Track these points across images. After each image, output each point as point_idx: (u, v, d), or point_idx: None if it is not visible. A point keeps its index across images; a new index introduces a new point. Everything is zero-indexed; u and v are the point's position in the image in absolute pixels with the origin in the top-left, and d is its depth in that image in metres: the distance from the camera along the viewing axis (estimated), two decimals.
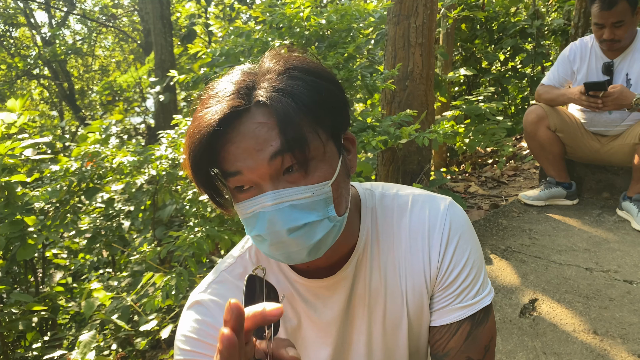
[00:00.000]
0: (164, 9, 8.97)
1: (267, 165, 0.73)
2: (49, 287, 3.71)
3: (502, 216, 3.01)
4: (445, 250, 0.91)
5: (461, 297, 0.92)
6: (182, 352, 0.88)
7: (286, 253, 0.78)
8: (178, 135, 2.96)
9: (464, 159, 5.50)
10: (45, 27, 14.80)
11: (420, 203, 0.94)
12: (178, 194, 3.27)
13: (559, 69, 2.98)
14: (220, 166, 0.76)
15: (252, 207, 0.76)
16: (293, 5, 3.05)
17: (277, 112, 0.73)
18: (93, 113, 15.31)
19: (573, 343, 1.87)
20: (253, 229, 0.78)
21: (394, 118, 2.72)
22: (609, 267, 2.36)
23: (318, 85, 0.77)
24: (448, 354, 0.92)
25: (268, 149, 0.73)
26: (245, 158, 0.73)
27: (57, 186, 3.01)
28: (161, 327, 2.71)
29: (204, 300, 0.91)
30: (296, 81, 0.76)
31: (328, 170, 0.78)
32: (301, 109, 0.74)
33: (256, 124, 0.73)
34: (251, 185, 0.76)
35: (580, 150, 3.02)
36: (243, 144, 0.73)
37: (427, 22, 3.17)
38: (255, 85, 0.76)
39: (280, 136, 0.73)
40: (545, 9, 6.87)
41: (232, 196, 0.80)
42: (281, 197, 0.74)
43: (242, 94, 0.75)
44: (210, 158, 0.76)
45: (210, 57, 3.24)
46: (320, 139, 0.77)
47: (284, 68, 0.77)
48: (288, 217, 0.74)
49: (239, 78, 0.78)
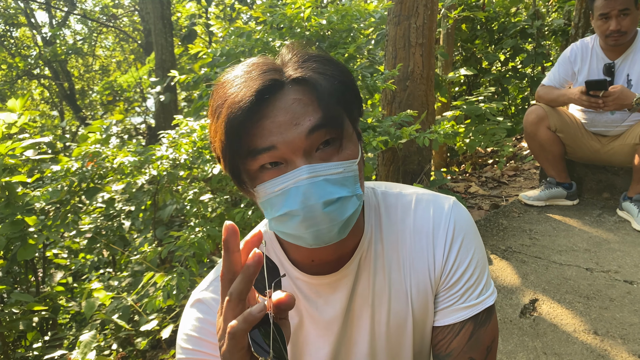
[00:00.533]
0: (164, 9, 8.97)
1: (304, 139, 0.74)
2: (49, 287, 3.71)
3: (502, 216, 3.01)
4: (449, 250, 0.91)
5: (465, 297, 0.92)
6: (184, 351, 0.88)
7: (316, 231, 0.76)
8: (179, 135, 2.96)
9: (464, 159, 5.50)
10: (45, 27, 14.82)
11: (424, 202, 0.95)
12: (179, 194, 3.27)
13: (559, 69, 2.98)
14: (251, 143, 0.75)
15: (283, 183, 0.75)
16: (294, 5, 3.05)
17: (316, 88, 0.76)
18: (93, 113, 15.32)
19: (573, 343, 1.87)
20: (282, 207, 0.76)
21: (394, 118, 2.72)
22: (609, 267, 2.37)
23: (342, 70, 0.81)
24: (451, 354, 0.92)
25: (306, 124, 0.74)
26: (282, 132, 0.74)
27: (58, 186, 3.01)
28: (162, 327, 2.71)
29: (206, 298, 0.91)
30: (325, 65, 0.79)
31: (354, 149, 0.80)
32: (335, 89, 0.77)
33: (292, 99, 0.75)
34: (279, 162, 0.76)
35: (580, 151, 3.02)
36: (279, 118, 0.74)
37: (428, 22, 3.17)
38: (282, 68, 0.78)
39: (318, 111, 0.75)
40: (546, 10, 6.88)
41: (252, 178, 0.78)
42: (316, 171, 0.75)
43: (273, 71, 0.77)
44: (242, 135, 0.75)
45: (211, 57, 3.24)
46: (348, 119, 0.80)
47: (307, 54, 0.80)
48: (323, 191, 0.75)
49: (260, 63, 0.79)
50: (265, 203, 0.79)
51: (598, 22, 2.72)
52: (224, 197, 2.98)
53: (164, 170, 2.74)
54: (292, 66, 0.78)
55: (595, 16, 2.72)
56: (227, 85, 0.78)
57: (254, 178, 0.78)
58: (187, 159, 2.74)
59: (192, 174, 2.95)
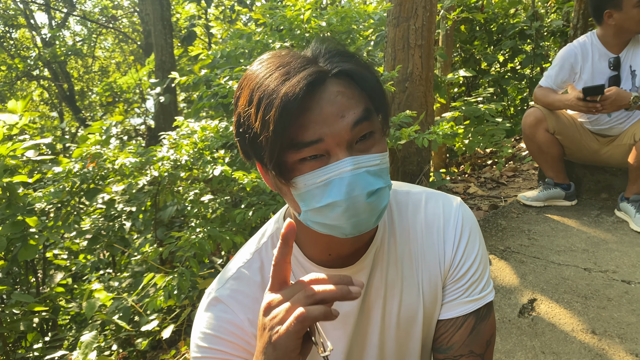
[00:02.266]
0: (164, 10, 8.98)
1: (349, 131, 0.76)
2: (49, 288, 3.71)
3: (501, 217, 3.03)
4: (458, 244, 0.95)
5: (469, 291, 0.95)
6: (200, 350, 0.88)
7: (357, 220, 0.79)
8: (179, 136, 2.97)
9: (463, 160, 5.52)
10: (45, 28, 14.81)
11: (434, 199, 0.99)
12: (180, 194, 3.28)
13: (558, 71, 2.97)
14: (296, 135, 0.75)
15: (327, 174, 0.77)
16: (294, 7, 3.06)
17: (357, 81, 0.78)
18: (93, 114, 15.31)
19: (571, 343, 1.88)
20: (324, 198, 0.77)
21: (393, 119, 2.74)
22: (607, 267, 2.38)
23: (369, 67, 0.83)
24: (452, 347, 0.95)
25: (350, 116, 0.76)
26: (329, 125, 0.75)
27: (60, 187, 3.02)
28: (162, 328, 2.72)
29: (223, 296, 0.91)
30: (356, 61, 0.81)
31: (385, 143, 0.83)
32: (372, 83, 0.80)
33: (336, 91, 0.76)
34: (320, 154, 0.77)
35: (579, 152, 3.04)
36: (325, 110, 0.75)
37: (427, 23, 3.19)
38: (318, 61, 0.79)
39: (361, 104, 0.77)
40: (544, 11, 6.90)
41: (290, 170, 0.78)
42: (359, 163, 0.77)
43: (313, 64, 0.78)
44: (288, 126, 0.74)
45: (211, 59, 3.25)
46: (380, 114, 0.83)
47: (337, 49, 0.82)
48: (366, 182, 0.77)
49: (293, 55, 0.80)
50: (305, 194, 0.79)
51: (634, 11, 2.65)
52: (224, 198, 2.99)
53: (165, 171, 2.76)
54: (326, 59, 0.79)
55: (630, 6, 2.65)
56: (265, 74, 0.77)
57: (291, 170, 0.78)
58: (188, 160, 2.75)
59: (192, 175, 2.96)
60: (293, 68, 0.76)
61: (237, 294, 0.91)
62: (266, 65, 0.79)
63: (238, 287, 0.91)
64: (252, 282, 0.92)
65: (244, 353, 0.88)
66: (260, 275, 0.93)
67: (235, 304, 0.90)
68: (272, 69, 0.77)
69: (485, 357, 0.95)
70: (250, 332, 0.88)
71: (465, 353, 0.94)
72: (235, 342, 0.87)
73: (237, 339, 0.88)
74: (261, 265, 0.94)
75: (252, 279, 0.92)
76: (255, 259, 0.95)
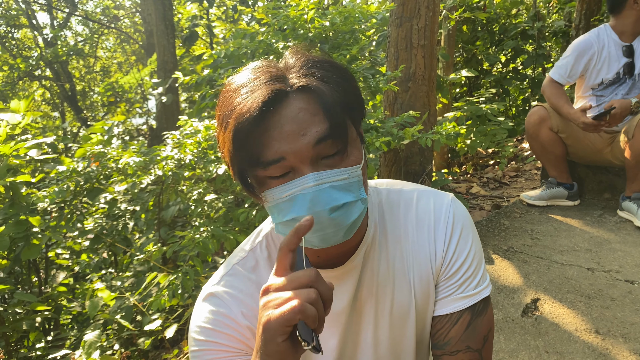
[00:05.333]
0: (166, 10, 8.98)
1: (311, 149, 0.76)
2: (51, 287, 3.72)
3: (504, 217, 3.03)
4: (449, 241, 0.95)
5: (463, 288, 0.95)
6: (197, 343, 0.90)
7: (323, 235, 0.80)
8: (183, 136, 2.97)
9: (466, 160, 5.51)
10: (47, 29, 14.81)
11: (425, 197, 0.99)
12: (184, 194, 3.28)
13: (574, 62, 2.95)
14: (259, 154, 0.77)
15: (290, 190, 0.78)
16: (297, 7, 3.07)
17: (320, 97, 0.76)
18: (95, 114, 15.33)
19: (575, 342, 1.88)
20: (289, 213, 0.79)
21: (396, 119, 2.73)
22: (610, 267, 2.38)
23: (344, 76, 0.81)
24: (449, 342, 0.95)
25: (313, 134, 0.76)
26: (289, 142, 0.75)
27: (64, 186, 3.03)
28: (165, 327, 2.72)
29: (218, 292, 0.93)
30: (327, 72, 0.79)
31: (358, 155, 0.82)
32: (339, 96, 0.78)
33: (298, 108, 0.76)
34: (287, 171, 0.78)
35: (582, 151, 3.04)
36: (286, 128, 0.75)
37: (429, 23, 3.19)
38: (286, 75, 0.79)
39: (325, 122, 0.76)
40: (546, 11, 6.89)
41: (260, 184, 0.81)
42: (322, 178, 0.77)
43: (278, 80, 0.77)
44: (250, 145, 0.76)
45: (214, 59, 3.26)
46: (352, 125, 0.82)
47: (310, 61, 0.80)
48: (329, 197, 0.77)
49: (265, 69, 0.80)
50: (273, 208, 0.82)
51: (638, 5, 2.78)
52: (228, 197, 2.99)
53: (169, 171, 2.76)
54: (296, 73, 0.79)
55: None
56: (233, 94, 0.79)
57: (261, 184, 0.81)
58: (191, 159, 2.75)
59: (196, 174, 2.97)
60: (256, 86, 0.76)
61: (231, 289, 0.93)
62: (236, 84, 0.80)
63: (232, 283, 0.94)
64: (246, 279, 0.94)
65: (238, 344, 0.90)
66: (254, 273, 0.95)
67: (229, 298, 0.92)
68: (238, 87, 0.79)
69: (482, 352, 0.96)
70: (244, 324, 0.90)
71: (462, 348, 0.94)
72: (231, 334, 0.90)
73: (232, 331, 0.90)
74: (255, 264, 0.96)
75: (246, 276, 0.94)
76: (249, 257, 0.97)
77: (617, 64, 2.89)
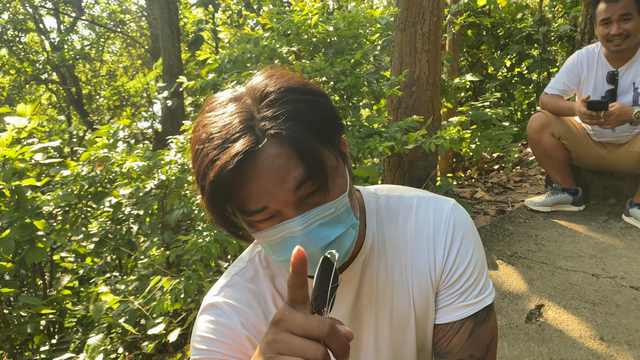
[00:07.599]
0: (172, 14, 9.03)
1: (292, 194, 0.74)
2: (56, 290, 3.73)
3: (508, 222, 3.01)
4: (449, 249, 0.94)
5: (464, 296, 0.94)
6: (199, 352, 0.91)
7: None
8: (187, 140, 2.98)
9: (470, 165, 5.50)
10: (54, 33, 14.93)
11: (425, 204, 0.98)
12: (187, 198, 3.29)
13: (565, 77, 2.97)
14: (242, 204, 0.75)
15: (280, 233, 0.77)
16: (301, 12, 3.07)
17: (293, 141, 0.72)
18: (100, 118, 15.42)
19: (579, 349, 1.87)
20: (282, 253, 0.79)
21: (400, 124, 2.73)
22: (615, 273, 2.36)
23: (314, 102, 0.77)
24: (451, 351, 0.95)
25: (291, 180, 0.73)
26: (270, 192, 0.73)
27: (68, 190, 3.04)
28: (168, 331, 2.72)
29: (218, 302, 0.94)
30: (296, 104, 0.75)
31: (342, 182, 0.80)
32: (311, 131, 0.74)
33: (272, 156, 0.72)
34: (273, 214, 0.77)
35: (585, 157, 3.02)
36: (264, 179, 0.73)
37: (434, 28, 3.19)
38: (255, 115, 0.75)
39: (301, 165, 0.73)
40: (552, 15, 6.88)
41: (250, 226, 0.80)
42: (309, 219, 0.76)
43: (248, 128, 0.74)
44: (229, 198, 0.75)
45: (219, 63, 3.27)
46: (331, 153, 0.79)
47: (279, 92, 0.76)
48: (319, 237, 0.77)
49: (234, 109, 0.76)
50: (267, 247, 0.82)
51: (600, 28, 2.72)
52: None
53: (172, 175, 2.77)
54: (266, 112, 0.74)
55: (598, 22, 2.72)
56: (205, 148, 0.75)
57: (250, 225, 0.80)
58: None
59: None
60: (225, 139, 0.73)
61: (230, 299, 0.93)
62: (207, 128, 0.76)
63: (232, 294, 0.94)
64: (245, 290, 0.95)
65: (238, 353, 0.91)
66: (253, 283, 0.95)
67: (229, 308, 0.92)
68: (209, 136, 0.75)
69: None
70: (243, 334, 0.91)
71: (465, 357, 0.94)
72: (231, 343, 0.90)
73: (231, 341, 0.91)
74: (255, 274, 0.96)
75: (245, 286, 0.95)
76: (248, 267, 0.97)
77: (602, 87, 2.84)
